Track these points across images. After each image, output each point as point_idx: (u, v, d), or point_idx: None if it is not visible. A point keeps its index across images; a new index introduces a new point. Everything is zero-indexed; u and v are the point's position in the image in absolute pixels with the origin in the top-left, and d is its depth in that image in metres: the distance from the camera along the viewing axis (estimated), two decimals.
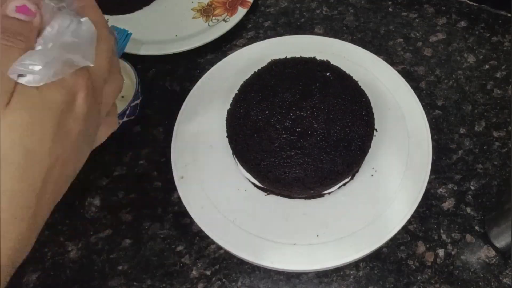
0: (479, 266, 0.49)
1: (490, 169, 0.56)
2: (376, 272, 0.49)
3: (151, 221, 0.53)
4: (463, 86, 0.62)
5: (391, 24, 0.69)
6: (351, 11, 0.71)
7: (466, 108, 0.61)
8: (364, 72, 0.56)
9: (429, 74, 0.64)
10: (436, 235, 0.51)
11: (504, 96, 0.61)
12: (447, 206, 0.53)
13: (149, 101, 0.63)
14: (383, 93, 0.55)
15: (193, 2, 0.73)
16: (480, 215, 0.52)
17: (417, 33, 0.68)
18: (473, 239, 0.51)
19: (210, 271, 0.50)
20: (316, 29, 0.69)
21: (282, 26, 0.70)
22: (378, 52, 0.61)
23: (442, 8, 0.71)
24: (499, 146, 0.57)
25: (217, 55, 0.66)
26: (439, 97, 0.61)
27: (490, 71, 0.64)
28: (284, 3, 0.73)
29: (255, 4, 0.72)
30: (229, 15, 0.69)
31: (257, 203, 0.48)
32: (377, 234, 0.46)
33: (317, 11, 0.71)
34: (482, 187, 0.54)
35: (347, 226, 0.46)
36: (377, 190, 0.49)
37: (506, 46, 0.66)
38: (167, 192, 0.55)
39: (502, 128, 0.59)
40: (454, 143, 0.58)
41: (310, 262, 0.45)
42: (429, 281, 0.48)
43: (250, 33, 0.69)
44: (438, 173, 0.55)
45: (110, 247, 0.51)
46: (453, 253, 0.50)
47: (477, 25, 0.68)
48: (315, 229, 0.47)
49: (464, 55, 0.65)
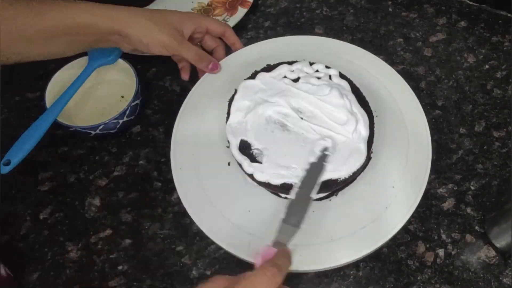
0: (479, 266, 0.49)
1: (490, 169, 0.56)
2: (376, 272, 0.49)
3: (151, 221, 0.53)
4: (463, 86, 0.62)
5: (391, 24, 0.69)
6: (351, 11, 0.71)
7: (466, 108, 0.61)
8: (364, 72, 0.56)
9: (429, 74, 0.64)
10: (436, 235, 0.51)
11: (504, 96, 0.61)
12: (447, 206, 0.53)
13: (149, 101, 0.63)
14: (383, 93, 0.55)
15: (193, 2, 0.73)
16: (480, 215, 0.52)
17: (417, 33, 0.68)
18: (473, 239, 0.51)
19: (210, 271, 0.50)
20: (316, 29, 0.69)
21: (282, 26, 0.70)
22: (378, 52, 0.61)
23: (442, 8, 0.71)
24: (499, 146, 0.57)
25: None
26: (439, 97, 0.61)
27: (490, 71, 0.64)
28: (284, 3, 0.73)
29: (255, 4, 0.72)
30: (229, 15, 0.69)
31: (257, 204, 0.48)
32: (377, 234, 0.46)
33: (317, 11, 0.71)
34: (482, 187, 0.54)
35: (347, 226, 0.46)
36: (377, 190, 0.49)
37: (506, 46, 0.66)
38: (167, 192, 0.55)
39: (502, 128, 0.59)
40: (454, 143, 0.58)
41: (310, 262, 0.45)
42: (429, 281, 0.48)
43: (250, 33, 0.69)
44: (438, 173, 0.55)
45: (110, 247, 0.51)
46: (453, 253, 0.50)
47: (477, 25, 0.68)
48: (315, 229, 0.47)
49: (464, 55, 0.65)
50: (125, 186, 0.56)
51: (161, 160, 0.57)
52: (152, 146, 0.59)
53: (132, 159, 0.58)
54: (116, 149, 0.59)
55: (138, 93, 0.57)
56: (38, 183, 0.56)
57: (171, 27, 0.53)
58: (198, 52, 0.55)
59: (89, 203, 0.55)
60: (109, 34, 0.51)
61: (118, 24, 0.50)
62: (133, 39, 0.51)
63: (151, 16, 0.52)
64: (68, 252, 0.51)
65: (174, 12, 0.55)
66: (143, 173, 0.57)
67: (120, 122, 0.56)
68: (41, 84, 0.57)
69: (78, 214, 0.54)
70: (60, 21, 0.47)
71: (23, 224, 0.53)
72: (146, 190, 0.55)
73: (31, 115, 0.60)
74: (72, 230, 0.53)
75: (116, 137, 0.59)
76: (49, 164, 0.58)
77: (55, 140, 0.59)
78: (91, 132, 0.56)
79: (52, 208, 0.54)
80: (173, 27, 0.53)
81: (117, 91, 0.62)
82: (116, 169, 0.57)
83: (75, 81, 0.57)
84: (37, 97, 0.63)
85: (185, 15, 0.56)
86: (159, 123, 0.61)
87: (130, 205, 0.54)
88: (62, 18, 0.48)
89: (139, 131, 0.60)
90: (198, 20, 0.57)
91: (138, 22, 0.51)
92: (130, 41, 0.52)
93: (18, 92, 0.64)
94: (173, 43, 0.53)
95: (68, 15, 0.48)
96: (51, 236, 0.52)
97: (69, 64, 0.59)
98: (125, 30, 0.50)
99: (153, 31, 0.51)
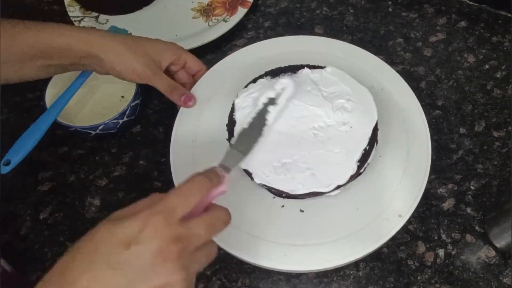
0: (479, 266, 0.49)
1: (490, 169, 0.56)
2: (376, 272, 0.49)
3: None
4: (463, 86, 0.62)
5: (391, 24, 0.69)
6: (351, 11, 0.71)
7: (466, 108, 0.61)
8: (363, 72, 0.56)
9: (429, 74, 0.64)
10: (436, 235, 0.51)
11: (504, 96, 0.61)
12: (447, 206, 0.53)
13: (149, 101, 0.63)
14: (383, 93, 0.55)
15: (193, 2, 0.73)
16: (480, 215, 0.52)
17: (417, 33, 0.68)
18: (473, 239, 0.51)
19: (210, 271, 0.50)
20: (316, 29, 0.69)
21: (282, 26, 0.70)
22: (378, 52, 0.61)
23: (442, 8, 0.71)
24: (499, 146, 0.57)
25: (217, 55, 0.66)
26: (439, 97, 0.61)
27: (490, 71, 0.64)
28: (284, 3, 0.73)
29: (255, 4, 0.72)
30: (229, 15, 0.69)
31: (257, 204, 0.48)
32: (377, 234, 0.46)
33: (317, 11, 0.71)
34: (482, 187, 0.54)
35: (347, 226, 0.46)
36: (377, 190, 0.49)
37: (506, 46, 0.66)
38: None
39: (502, 128, 0.59)
40: (454, 143, 0.58)
41: (310, 262, 0.45)
42: (429, 281, 0.48)
43: (250, 33, 0.69)
44: (438, 173, 0.55)
45: None
46: (453, 253, 0.50)
47: (477, 25, 0.68)
48: (315, 229, 0.47)
49: (464, 55, 0.65)
50: (125, 186, 0.56)
51: (161, 160, 0.57)
52: (152, 146, 0.59)
53: (132, 159, 0.58)
54: (116, 149, 0.59)
55: (138, 93, 0.57)
56: (38, 183, 0.56)
57: (147, 56, 0.51)
58: (171, 84, 0.53)
59: (89, 203, 0.55)
60: (83, 58, 0.50)
61: (93, 48, 0.49)
62: (105, 64, 0.50)
63: (127, 43, 0.51)
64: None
65: (155, 40, 0.54)
66: (143, 173, 0.57)
67: (120, 122, 0.56)
68: (41, 84, 0.57)
69: (78, 214, 0.54)
70: (34, 44, 0.47)
71: (23, 224, 0.53)
72: (146, 190, 0.55)
73: (31, 115, 0.60)
74: (72, 230, 0.53)
75: (116, 137, 0.59)
76: (49, 164, 0.58)
77: (55, 140, 0.59)
78: (91, 132, 0.56)
79: (52, 208, 0.54)
80: (149, 56, 0.52)
81: (117, 91, 0.62)
82: (116, 169, 0.57)
83: (75, 81, 0.57)
84: (37, 97, 0.63)
85: (166, 45, 0.54)
86: (159, 123, 0.61)
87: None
88: (36, 41, 0.47)
89: (139, 131, 0.60)
90: (179, 53, 0.55)
91: (114, 48, 0.50)
92: (103, 66, 0.51)
93: (18, 92, 0.64)
94: (146, 73, 0.51)
95: (42, 38, 0.47)
96: (51, 236, 0.52)
97: None
98: (99, 54, 0.49)
99: (127, 58, 0.50)
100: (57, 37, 0.48)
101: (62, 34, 0.48)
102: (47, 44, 0.48)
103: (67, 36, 0.48)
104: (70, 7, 0.71)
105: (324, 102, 0.49)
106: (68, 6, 0.71)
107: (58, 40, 0.48)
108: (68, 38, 0.48)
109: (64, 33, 0.49)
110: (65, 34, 0.48)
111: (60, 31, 0.49)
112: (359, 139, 0.47)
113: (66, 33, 0.49)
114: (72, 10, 0.71)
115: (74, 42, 0.49)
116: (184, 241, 0.32)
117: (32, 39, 0.47)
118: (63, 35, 0.48)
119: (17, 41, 0.47)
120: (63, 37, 0.48)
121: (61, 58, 0.49)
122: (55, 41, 0.48)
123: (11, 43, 0.46)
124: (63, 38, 0.48)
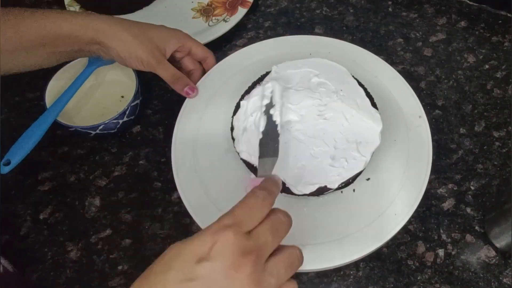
0: (479, 266, 0.49)
1: (490, 169, 0.56)
2: (376, 272, 0.49)
3: (151, 221, 0.53)
4: (463, 86, 0.62)
5: (391, 24, 0.69)
6: (351, 11, 0.71)
7: (466, 108, 0.61)
8: (364, 72, 0.56)
9: (429, 74, 0.64)
10: (436, 235, 0.51)
11: (504, 96, 0.61)
12: (447, 206, 0.53)
13: (149, 101, 0.63)
14: (383, 93, 0.55)
15: (193, 2, 0.73)
16: (480, 215, 0.52)
17: (417, 33, 0.68)
18: (473, 239, 0.51)
19: None
20: (316, 29, 0.69)
21: (282, 26, 0.70)
22: (378, 52, 0.61)
23: (442, 8, 0.71)
24: (499, 146, 0.57)
25: (217, 55, 0.66)
26: (439, 97, 0.61)
27: (490, 71, 0.64)
28: (284, 3, 0.73)
29: (255, 4, 0.72)
30: (229, 15, 0.69)
31: None
32: (377, 234, 0.46)
33: (317, 11, 0.71)
34: (482, 187, 0.54)
35: (347, 226, 0.46)
36: (377, 190, 0.49)
37: (506, 46, 0.66)
38: (167, 192, 0.55)
39: (502, 128, 0.59)
40: (454, 143, 0.58)
41: (310, 262, 0.45)
42: (429, 281, 0.48)
43: (250, 33, 0.69)
44: (438, 173, 0.55)
45: (110, 247, 0.51)
46: (453, 253, 0.50)
47: (477, 25, 0.68)
48: (315, 229, 0.47)
49: (464, 55, 0.65)
50: (125, 186, 0.56)
51: (161, 160, 0.57)
52: (152, 146, 0.59)
53: (132, 159, 0.58)
54: (116, 149, 0.59)
55: (138, 93, 0.57)
56: (38, 183, 0.56)
57: (152, 43, 0.51)
58: (174, 74, 0.54)
59: (89, 203, 0.55)
60: (89, 44, 0.50)
61: (98, 34, 0.49)
62: (111, 51, 0.50)
63: (132, 30, 0.50)
64: (68, 252, 0.51)
65: (160, 27, 0.54)
66: (143, 173, 0.57)
67: (120, 122, 0.56)
68: (41, 84, 0.57)
69: (78, 214, 0.54)
70: (38, 32, 0.47)
71: (23, 224, 0.53)
72: (146, 190, 0.55)
73: (31, 115, 0.60)
74: (72, 230, 0.53)
75: (116, 137, 0.59)
76: (49, 164, 0.58)
77: (55, 140, 0.59)
78: (91, 132, 0.56)
79: (52, 208, 0.54)
80: (154, 44, 0.52)
81: (117, 91, 0.62)
82: (116, 169, 0.57)
83: (75, 81, 0.57)
84: (37, 97, 0.63)
85: (170, 32, 0.54)
86: (159, 123, 0.61)
87: (130, 205, 0.54)
88: (41, 29, 0.47)
89: (139, 131, 0.60)
90: (183, 40, 0.55)
91: (118, 35, 0.50)
92: (108, 53, 0.51)
93: (18, 92, 0.64)
94: (150, 61, 0.51)
95: (47, 26, 0.47)
96: (51, 236, 0.52)
97: (69, 64, 0.58)
98: (104, 41, 0.49)
99: (132, 46, 0.50)
100: (62, 23, 0.48)
101: (66, 20, 0.48)
102: (52, 32, 0.47)
103: (72, 24, 0.48)
104: (70, 7, 0.71)
105: (315, 94, 0.49)
106: (68, 6, 0.71)
107: (62, 26, 0.48)
108: (72, 25, 0.48)
109: (69, 20, 0.48)
110: (70, 21, 0.48)
111: (64, 17, 0.48)
112: (368, 134, 0.48)
113: (71, 20, 0.48)
114: (72, 10, 0.71)
115: (79, 29, 0.48)
116: (254, 252, 0.31)
117: (37, 27, 0.47)
118: (68, 22, 0.48)
119: (22, 29, 0.46)
120: (68, 23, 0.48)
121: (66, 45, 0.49)
122: (60, 28, 0.48)
123: (16, 31, 0.46)
124: (67, 25, 0.48)
